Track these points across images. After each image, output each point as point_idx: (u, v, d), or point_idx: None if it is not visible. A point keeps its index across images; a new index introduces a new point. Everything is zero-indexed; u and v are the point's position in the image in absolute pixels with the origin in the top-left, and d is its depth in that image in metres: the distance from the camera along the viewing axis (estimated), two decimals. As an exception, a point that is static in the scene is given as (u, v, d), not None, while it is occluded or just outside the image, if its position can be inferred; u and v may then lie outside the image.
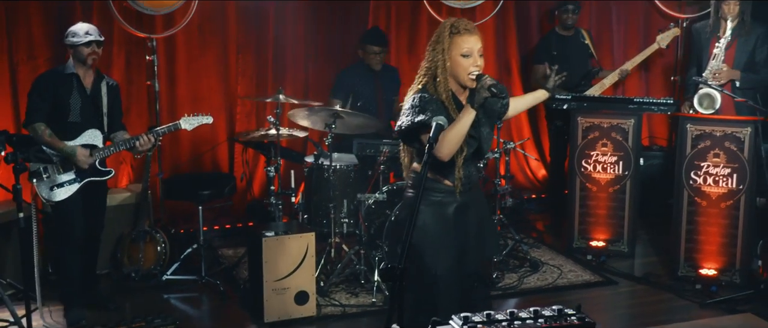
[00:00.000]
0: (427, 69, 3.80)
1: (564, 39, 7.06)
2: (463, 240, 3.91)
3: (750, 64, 6.13)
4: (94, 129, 5.25)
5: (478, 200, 4.04)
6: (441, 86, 3.76)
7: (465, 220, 3.91)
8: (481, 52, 3.78)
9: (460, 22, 3.79)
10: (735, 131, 5.66)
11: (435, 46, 3.78)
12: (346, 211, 5.94)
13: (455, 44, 3.74)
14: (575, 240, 6.49)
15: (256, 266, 5.34)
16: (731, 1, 6.03)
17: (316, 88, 7.10)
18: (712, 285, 5.73)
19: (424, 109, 3.68)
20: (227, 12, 6.84)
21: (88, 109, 5.24)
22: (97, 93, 5.28)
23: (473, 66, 3.73)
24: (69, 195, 5.19)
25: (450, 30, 3.75)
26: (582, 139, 6.35)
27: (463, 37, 3.74)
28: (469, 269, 3.94)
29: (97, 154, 5.22)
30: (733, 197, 5.70)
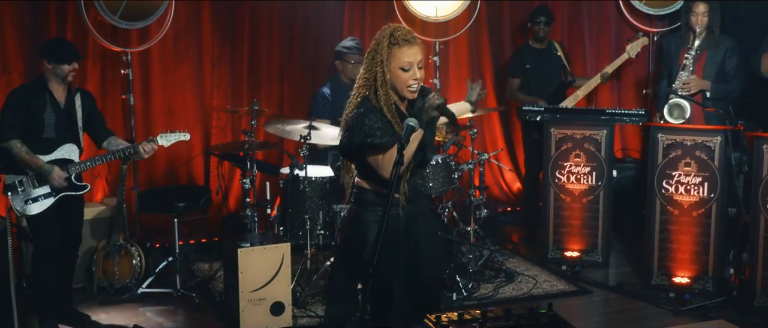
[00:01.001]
0: (366, 79, 3.63)
1: (537, 52, 7.14)
2: (413, 251, 3.76)
3: (720, 75, 6.23)
4: (70, 143, 5.25)
5: (424, 211, 3.94)
6: (382, 99, 3.58)
7: (413, 231, 3.78)
8: (421, 64, 3.61)
9: (400, 31, 3.59)
10: (705, 140, 5.73)
11: (374, 56, 3.59)
12: (321, 222, 5.95)
13: (394, 56, 3.56)
14: (550, 251, 6.54)
15: (231, 277, 5.34)
16: (700, 14, 6.13)
17: (292, 102, 7.14)
18: (685, 293, 5.78)
19: (373, 130, 3.54)
20: (202, 26, 6.87)
21: (63, 124, 5.23)
22: (71, 106, 5.28)
23: (412, 79, 3.57)
24: (43, 209, 5.18)
25: (389, 40, 3.56)
26: (555, 150, 6.41)
27: (402, 48, 3.56)
28: (423, 278, 3.80)
29: (73, 169, 5.22)
30: (705, 206, 5.77)
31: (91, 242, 5.99)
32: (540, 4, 7.43)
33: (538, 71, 7.09)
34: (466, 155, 6.73)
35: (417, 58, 3.57)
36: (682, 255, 5.87)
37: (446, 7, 7.19)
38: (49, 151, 5.17)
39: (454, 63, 7.50)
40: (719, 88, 6.20)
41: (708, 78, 6.21)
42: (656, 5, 7.56)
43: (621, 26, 7.87)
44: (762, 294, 5.52)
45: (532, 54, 7.13)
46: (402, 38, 3.56)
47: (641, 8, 7.60)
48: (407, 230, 3.74)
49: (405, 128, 3.35)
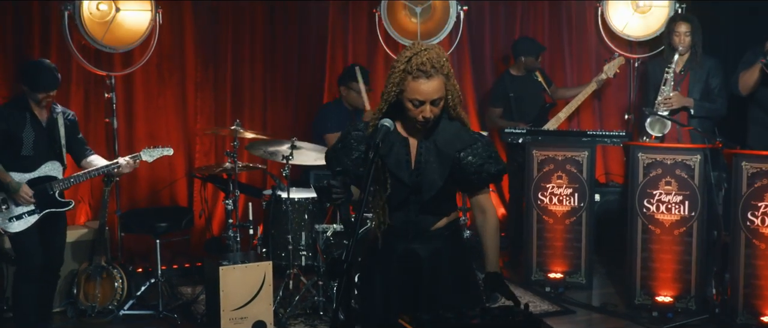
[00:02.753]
0: (383, 96, 3.31)
1: (518, 79, 7.21)
2: (405, 298, 3.44)
3: (705, 94, 6.29)
4: (53, 161, 5.26)
5: (439, 256, 3.44)
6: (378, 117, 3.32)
7: (413, 275, 3.43)
8: (439, 101, 3.22)
9: (420, 58, 3.16)
10: (685, 159, 5.77)
11: (391, 72, 3.25)
12: (304, 243, 5.95)
13: (407, 86, 3.19)
14: (533, 272, 6.54)
15: (213, 295, 5.33)
16: (682, 34, 6.21)
17: (275, 126, 7.18)
18: (668, 312, 5.79)
19: (339, 157, 3.42)
20: (186, 51, 6.92)
21: (43, 143, 5.23)
22: (53, 125, 5.29)
23: (422, 117, 3.23)
24: (27, 227, 5.17)
25: (405, 65, 3.18)
26: (537, 171, 6.44)
27: (417, 81, 3.16)
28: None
29: (56, 186, 5.23)
30: (686, 224, 5.79)
31: (72, 265, 5.96)
32: (523, 37, 7.51)
33: (520, 98, 7.15)
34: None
35: (432, 96, 3.18)
36: (664, 274, 5.88)
37: (428, 32, 7.24)
38: (30, 169, 5.18)
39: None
40: (703, 106, 6.25)
41: (692, 98, 6.27)
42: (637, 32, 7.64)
43: (601, 53, 7.94)
44: (744, 312, 5.53)
45: (513, 82, 7.19)
46: (417, 69, 3.15)
47: (622, 35, 7.68)
48: (403, 271, 3.44)
49: (378, 129, 3.20)
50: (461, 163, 3.33)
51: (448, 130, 3.35)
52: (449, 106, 3.33)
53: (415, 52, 3.20)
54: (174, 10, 6.80)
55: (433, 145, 3.34)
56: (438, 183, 3.34)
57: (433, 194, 3.34)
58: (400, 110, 3.31)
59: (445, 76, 3.23)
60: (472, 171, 3.34)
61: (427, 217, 3.41)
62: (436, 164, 3.33)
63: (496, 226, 3.53)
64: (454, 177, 3.37)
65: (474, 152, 3.34)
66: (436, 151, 3.33)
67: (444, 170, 3.34)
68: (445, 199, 3.43)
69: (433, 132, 3.35)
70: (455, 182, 3.41)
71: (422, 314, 3.05)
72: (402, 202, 3.39)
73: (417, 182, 3.35)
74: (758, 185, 5.44)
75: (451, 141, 3.33)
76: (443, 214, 3.45)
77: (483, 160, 3.35)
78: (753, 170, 5.47)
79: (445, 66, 3.23)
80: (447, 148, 3.33)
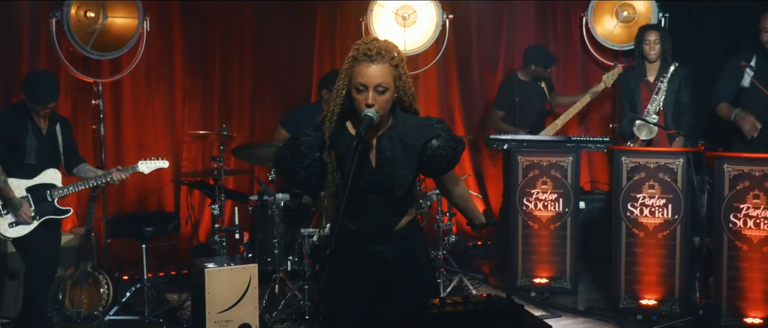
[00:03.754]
0: (334, 89, 3.29)
1: (524, 84, 7.27)
2: (363, 292, 3.40)
3: (676, 105, 6.39)
4: (53, 169, 5.34)
5: (403, 255, 3.42)
6: (329, 112, 3.29)
7: (373, 278, 3.40)
8: (384, 89, 3.16)
9: (367, 44, 3.17)
10: (668, 162, 5.82)
11: (342, 68, 3.25)
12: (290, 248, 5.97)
13: (353, 72, 3.17)
14: (519, 278, 6.55)
15: (198, 298, 5.33)
16: (652, 41, 6.35)
17: (263, 134, 7.20)
18: (653, 315, 5.82)
19: (292, 164, 3.35)
20: (174, 58, 6.97)
21: (45, 150, 5.32)
22: (53, 133, 5.38)
23: (365, 104, 3.16)
24: (25, 233, 5.23)
25: (353, 52, 3.19)
26: (522, 177, 6.48)
27: (361, 65, 3.14)
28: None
29: (56, 194, 5.31)
30: (669, 227, 5.83)
31: (58, 271, 5.94)
32: (539, 45, 7.58)
33: (524, 104, 7.19)
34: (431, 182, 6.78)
35: (375, 80, 3.13)
36: (648, 277, 5.91)
37: (415, 40, 7.33)
38: (30, 176, 5.27)
39: (424, 96, 7.60)
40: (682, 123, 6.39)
41: (666, 108, 6.36)
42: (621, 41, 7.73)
43: (587, 62, 8.03)
44: (727, 314, 5.56)
45: (521, 86, 7.24)
46: (363, 53, 3.14)
47: (607, 44, 7.76)
48: (369, 275, 3.40)
49: (363, 119, 3.16)
50: (435, 152, 3.32)
51: (408, 123, 3.31)
52: (404, 100, 3.29)
53: (364, 40, 3.22)
54: (162, 18, 6.85)
55: (396, 140, 3.28)
56: (408, 177, 3.31)
57: (405, 189, 3.32)
58: (352, 112, 3.28)
59: (394, 67, 3.19)
60: (448, 156, 3.36)
61: (391, 217, 3.38)
62: (403, 157, 3.28)
63: (466, 187, 3.71)
64: (427, 166, 3.36)
65: (443, 137, 3.34)
66: (401, 145, 3.28)
67: (412, 163, 3.30)
68: (407, 195, 3.41)
69: (393, 126, 3.29)
70: (426, 171, 3.41)
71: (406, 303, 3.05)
72: (364, 204, 3.33)
73: (384, 179, 3.29)
74: (740, 187, 5.49)
75: (415, 133, 3.29)
76: (405, 212, 3.43)
77: (454, 143, 3.38)
78: (735, 173, 5.52)
79: (395, 58, 3.20)
80: (412, 140, 3.28)
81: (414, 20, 7.31)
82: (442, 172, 3.46)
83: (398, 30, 7.23)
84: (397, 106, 3.30)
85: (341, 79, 3.24)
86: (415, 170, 3.33)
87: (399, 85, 3.24)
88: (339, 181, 3.28)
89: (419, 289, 3.41)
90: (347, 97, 3.25)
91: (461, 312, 3.04)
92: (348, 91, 3.23)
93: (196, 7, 7.03)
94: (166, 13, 6.89)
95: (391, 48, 3.24)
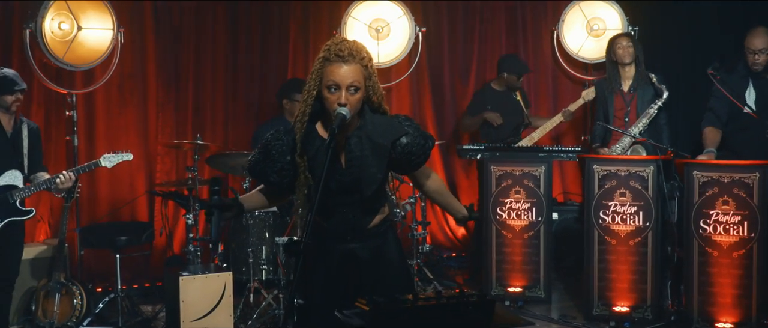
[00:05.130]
0: (305, 88, 3.29)
1: (498, 94, 7.34)
2: (336, 289, 3.44)
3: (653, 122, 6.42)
4: (14, 170, 5.27)
5: (376, 253, 3.47)
6: (299, 114, 3.29)
7: (352, 275, 3.44)
8: (356, 89, 3.20)
9: (338, 45, 3.22)
10: (638, 170, 5.89)
11: (312, 69, 3.26)
12: (264, 257, 5.97)
13: (324, 72, 3.20)
14: (493, 287, 6.57)
15: (173, 306, 5.32)
16: (625, 46, 6.41)
17: (237, 146, 7.21)
18: (625, 321, 5.87)
19: (264, 168, 3.36)
20: (147, 70, 6.98)
21: (6, 152, 5.26)
22: (18, 135, 5.33)
23: (337, 103, 3.18)
24: None
25: (324, 53, 3.23)
26: (495, 187, 6.52)
27: (332, 65, 3.18)
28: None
29: (17, 195, 5.24)
30: (641, 234, 5.90)
31: (31, 282, 5.93)
32: (512, 54, 7.66)
33: (498, 112, 7.25)
34: (406, 190, 6.83)
35: (347, 80, 3.17)
36: (621, 284, 5.96)
37: (388, 53, 7.39)
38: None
39: (396, 108, 7.63)
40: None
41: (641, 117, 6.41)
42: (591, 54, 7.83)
43: (557, 75, 8.13)
44: (699, 319, 5.62)
45: (494, 96, 7.32)
46: (335, 54, 3.18)
47: (577, 57, 7.86)
48: (342, 272, 3.44)
49: (336, 116, 3.18)
50: (404, 149, 3.35)
51: (376, 122, 3.33)
52: (373, 100, 3.32)
53: (334, 41, 3.25)
54: (136, 31, 6.87)
55: (365, 140, 3.31)
56: (377, 176, 3.33)
57: (374, 188, 3.34)
58: (322, 114, 3.32)
59: (364, 67, 3.24)
60: (418, 153, 3.40)
61: (363, 216, 3.41)
62: (372, 157, 3.31)
63: (442, 181, 3.73)
64: (397, 163, 3.40)
65: (411, 134, 3.37)
66: (370, 144, 3.30)
67: (381, 162, 3.33)
68: (378, 194, 3.43)
69: (361, 126, 3.31)
70: (397, 168, 3.45)
71: (377, 297, 3.06)
72: (334, 204, 3.36)
73: (353, 180, 3.31)
74: (709, 194, 5.57)
75: (383, 132, 3.32)
76: (377, 211, 3.46)
77: (423, 139, 3.41)
78: (704, 179, 5.59)
79: (365, 58, 3.25)
80: (381, 139, 3.31)
81: (387, 33, 7.38)
82: (413, 168, 3.48)
83: (372, 43, 7.29)
84: (365, 106, 3.34)
85: (312, 80, 3.25)
86: (384, 169, 3.36)
87: (369, 85, 3.28)
88: (311, 182, 3.31)
89: (393, 286, 3.40)
90: (317, 98, 3.28)
91: (434, 306, 3.07)
92: (318, 92, 3.26)
93: (170, 19, 7.06)
94: (140, 25, 6.91)
95: (361, 48, 3.29)
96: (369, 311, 2.96)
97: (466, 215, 3.75)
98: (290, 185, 3.38)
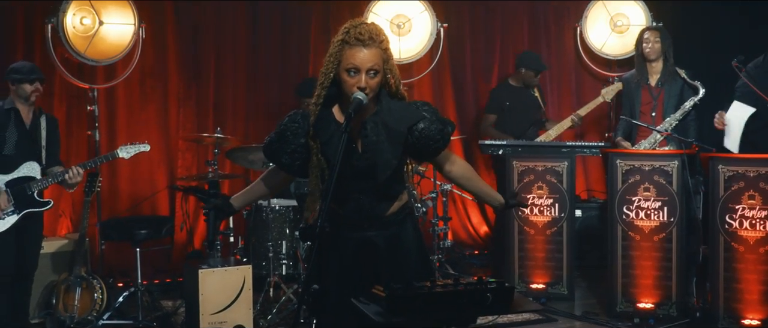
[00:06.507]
0: (322, 72, 3.24)
1: (516, 90, 7.28)
2: (352, 277, 3.36)
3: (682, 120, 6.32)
4: (32, 161, 5.28)
5: (393, 240, 3.40)
6: (314, 96, 3.25)
7: (366, 264, 3.37)
8: (375, 72, 3.17)
9: (357, 28, 3.17)
10: (663, 165, 5.81)
11: (329, 51, 3.21)
12: (284, 252, 5.94)
13: (343, 55, 3.15)
14: (516, 284, 6.51)
15: (192, 299, 5.30)
16: (652, 41, 6.29)
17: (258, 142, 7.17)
18: (649, 318, 5.79)
19: (277, 150, 3.35)
20: (168, 65, 7.00)
21: (25, 143, 5.27)
22: (36, 128, 5.34)
23: (356, 86, 3.14)
24: (6, 228, 5.16)
25: (342, 35, 3.17)
26: (517, 182, 6.46)
27: (352, 49, 3.14)
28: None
29: (35, 186, 5.24)
30: (665, 230, 5.81)
31: (52, 276, 5.94)
32: (530, 50, 7.59)
33: (514, 109, 7.19)
34: (427, 185, 6.78)
35: (367, 64, 3.13)
36: (645, 281, 5.88)
37: (409, 49, 7.35)
38: (9, 170, 5.21)
39: (418, 105, 7.61)
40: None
41: (668, 114, 6.31)
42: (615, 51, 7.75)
43: (580, 72, 8.05)
44: (725, 316, 5.52)
45: (511, 92, 7.26)
46: (355, 37, 3.13)
47: (600, 54, 7.78)
48: (358, 260, 3.38)
49: (353, 101, 3.13)
50: (422, 134, 3.28)
51: (393, 108, 3.28)
52: (390, 84, 3.28)
53: (353, 24, 3.19)
54: (156, 26, 6.89)
55: (380, 125, 3.25)
56: (393, 162, 3.27)
57: (388, 174, 3.28)
58: (338, 97, 3.28)
59: (383, 50, 3.20)
60: (437, 138, 3.32)
61: (380, 203, 3.35)
62: (387, 143, 3.25)
63: (469, 166, 3.59)
64: (414, 149, 3.33)
65: (430, 120, 3.31)
66: (385, 130, 3.25)
67: (397, 148, 3.27)
68: (396, 181, 3.37)
69: (377, 112, 3.27)
70: (415, 155, 3.39)
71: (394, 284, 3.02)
72: (349, 190, 3.30)
73: (368, 165, 3.26)
74: (735, 188, 5.47)
75: (400, 118, 3.26)
76: (395, 198, 3.39)
77: (442, 125, 3.34)
78: (730, 173, 5.51)
79: (384, 41, 3.21)
80: (397, 125, 3.25)
81: (408, 29, 7.34)
82: (432, 154, 3.41)
83: (393, 38, 7.26)
84: (382, 90, 3.30)
85: (329, 62, 3.20)
86: (399, 156, 3.30)
87: (387, 69, 3.24)
88: (324, 165, 3.27)
89: (411, 274, 3.34)
90: (333, 81, 3.24)
91: (451, 293, 3.02)
92: (335, 75, 3.22)
93: (190, 14, 7.07)
94: (161, 20, 6.93)
95: (380, 31, 3.25)
96: (385, 298, 2.92)
97: (503, 203, 3.62)
98: (301, 167, 3.34)
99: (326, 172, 3.25)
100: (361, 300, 3.03)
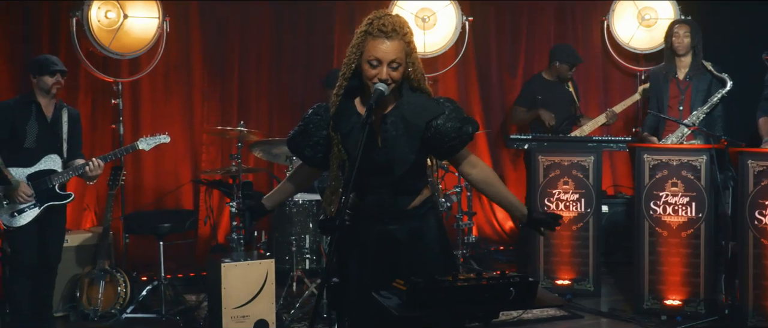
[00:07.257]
0: (344, 63, 3.22)
1: (549, 84, 7.20)
2: (373, 270, 3.33)
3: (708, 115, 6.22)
4: (53, 154, 5.29)
5: (415, 234, 3.34)
6: (336, 88, 3.23)
7: (388, 256, 3.32)
8: (398, 65, 3.12)
9: (381, 20, 3.14)
10: (691, 160, 5.72)
11: (352, 42, 3.19)
12: (308, 246, 5.92)
13: (365, 46, 3.13)
14: (541, 280, 6.43)
15: (215, 293, 5.29)
16: (682, 35, 6.19)
17: (282, 135, 7.16)
18: (677, 315, 5.70)
19: (300, 142, 3.34)
20: (193, 59, 6.99)
21: (46, 136, 5.27)
22: (58, 121, 5.34)
23: (378, 78, 3.11)
24: (30, 220, 5.17)
25: (365, 27, 3.15)
26: (543, 177, 6.39)
27: (375, 41, 3.10)
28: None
29: (56, 179, 5.25)
30: (693, 226, 5.72)
31: (76, 269, 5.96)
32: (565, 43, 7.50)
33: (547, 103, 7.09)
34: (451, 180, 6.73)
35: (390, 56, 3.09)
36: (672, 277, 5.79)
37: (434, 43, 7.30)
38: (30, 163, 5.21)
39: (444, 99, 7.57)
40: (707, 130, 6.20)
41: (696, 107, 6.20)
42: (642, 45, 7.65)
43: (607, 66, 7.96)
44: (754, 314, 5.42)
45: (544, 86, 7.19)
46: (378, 28, 3.10)
47: (627, 48, 7.69)
48: (379, 253, 3.33)
49: (374, 92, 3.10)
50: (437, 130, 3.22)
51: (413, 102, 3.22)
52: (412, 78, 3.22)
53: (377, 15, 3.16)
54: (181, 20, 6.89)
55: (399, 119, 3.21)
56: (410, 157, 3.22)
57: (405, 169, 3.23)
58: (360, 89, 3.25)
59: (406, 43, 3.15)
60: (452, 136, 3.24)
61: (401, 197, 3.31)
62: (405, 137, 3.21)
63: (492, 171, 3.47)
64: (430, 146, 3.27)
65: (448, 117, 3.24)
66: (404, 124, 3.20)
67: (414, 143, 3.22)
68: (416, 175, 3.33)
69: (398, 106, 3.22)
70: (432, 151, 3.32)
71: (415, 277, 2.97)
72: (369, 184, 3.26)
73: (386, 160, 3.22)
74: (765, 183, 5.36)
75: (419, 112, 3.21)
76: (417, 192, 3.34)
77: (460, 123, 3.26)
78: (759, 169, 5.40)
79: (407, 34, 3.17)
80: (416, 119, 3.21)
81: (433, 22, 7.29)
82: (449, 152, 3.33)
83: (418, 32, 7.20)
84: (404, 84, 3.25)
85: (352, 53, 3.17)
86: (416, 150, 3.24)
87: (409, 62, 3.20)
88: (344, 157, 3.24)
89: (433, 269, 3.26)
90: (355, 72, 3.21)
91: (474, 287, 2.97)
92: (357, 66, 3.19)
93: (215, 8, 7.06)
94: (185, 14, 6.93)
95: (404, 23, 3.21)
96: (406, 291, 2.88)
97: (526, 215, 3.44)
98: (324, 160, 3.32)
99: (346, 164, 3.22)
100: (382, 294, 2.99)
